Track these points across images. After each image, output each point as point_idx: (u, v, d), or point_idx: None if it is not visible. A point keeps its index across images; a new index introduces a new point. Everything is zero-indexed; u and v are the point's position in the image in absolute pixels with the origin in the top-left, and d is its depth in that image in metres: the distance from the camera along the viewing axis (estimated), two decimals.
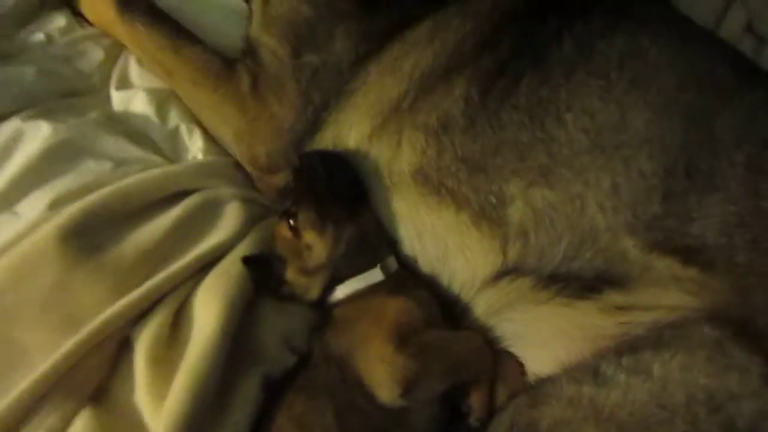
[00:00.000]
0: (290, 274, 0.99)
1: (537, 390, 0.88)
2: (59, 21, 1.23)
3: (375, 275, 0.99)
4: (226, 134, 1.12)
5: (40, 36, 1.21)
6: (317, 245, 0.99)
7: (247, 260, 0.98)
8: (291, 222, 1.00)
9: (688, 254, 0.86)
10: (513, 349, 0.95)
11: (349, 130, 1.05)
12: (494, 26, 1.00)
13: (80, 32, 1.23)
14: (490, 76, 0.98)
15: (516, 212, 0.94)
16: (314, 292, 1.00)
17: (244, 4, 1.22)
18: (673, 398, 0.78)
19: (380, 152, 1.04)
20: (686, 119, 0.91)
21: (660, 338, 0.83)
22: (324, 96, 1.05)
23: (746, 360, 0.78)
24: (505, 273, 0.95)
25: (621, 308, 0.88)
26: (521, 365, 0.94)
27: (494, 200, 0.95)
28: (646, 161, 0.89)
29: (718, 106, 0.92)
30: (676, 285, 0.86)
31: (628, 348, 0.83)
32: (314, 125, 1.06)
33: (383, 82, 1.03)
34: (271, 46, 1.08)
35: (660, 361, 0.80)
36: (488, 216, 0.96)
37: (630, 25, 0.98)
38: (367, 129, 1.04)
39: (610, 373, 0.81)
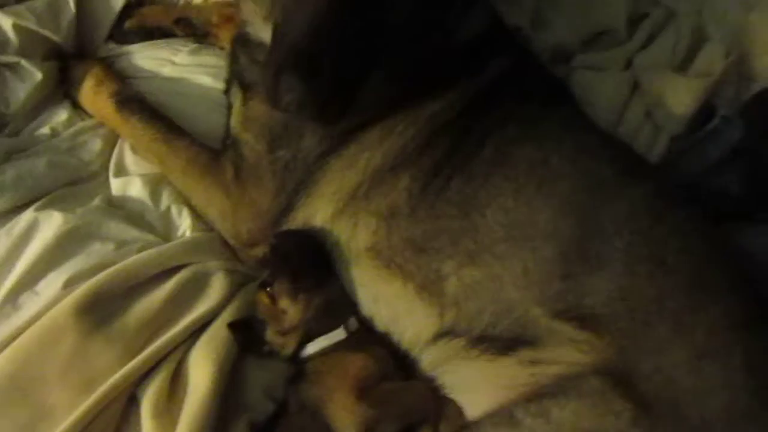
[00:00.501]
0: (269, 334, 1.16)
1: (468, 430, 1.07)
2: (62, 115, 1.38)
3: (339, 334, 1.16)
4: (212, 214, 1.29)
5: (45, 130, 1.35)
6: (291, 310, 1.16)
7: (232, 325, 1.15)
8: (268, 291, 1.18)
9: (582, 321, 1.05)
10: (452, 395, 1.12)
11: (316, 212, 1.22)
12: (430, 133, 1.17)
13: (80, 124, 1.38)
14: (428, 174, 1.16)
15: (450, 286, 1.12)
16: (289, 349, 1.17)
17: (223, 98, 1.40)
18: None
19: (341, 231, 1.21)
20: (578, 215, 1.10)
21: (560, 388, 1.01)
22: (295, 184, 1.22)
23: (621, 405, 0.96)
24: (443, 334, 1.13)
25: (532, 362, 1.06)
26: (459, 409, 1.11)
27: (433, 276, 1.13)
28: (549, 249, 1.08)
29: (603, 203, 1.10)
30: (574, 345, 1.04)
31: (536, 395, 1.02)
32: (288, 207, 1.23)
33: (343, 174, 1.20)
34: (250, 142, 1.24)
35: (557, 407, 0.99)
36: (429, 288, 1.14)
37: (537, 134, 1.17)
38: (330, 212, 1.21)
39: (520, 417, 1.00)
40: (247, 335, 1.16)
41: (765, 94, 1.39)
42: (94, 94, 1.39)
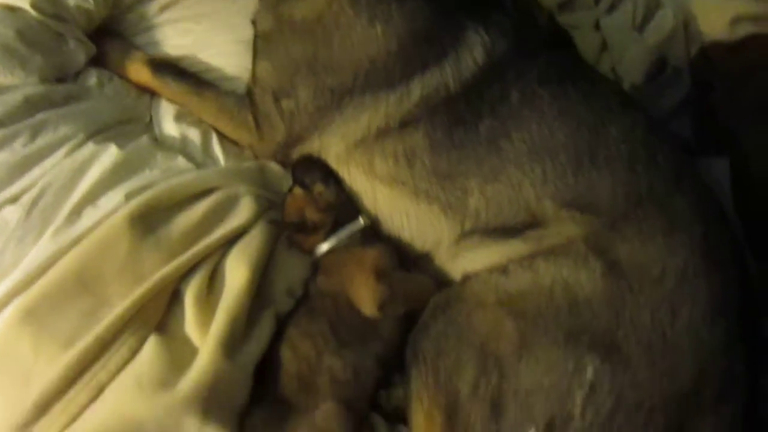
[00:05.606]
0: (309, 213, 1.33)
1: (467, 277, 1.27)
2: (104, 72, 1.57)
3: (357, 224, 1.35)
4: (243, 145, 1.50)
5: (93, 80, 1.53)
6: (326, 192, 1.35)
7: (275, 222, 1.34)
8: (304, 184, 1.36)
9: (586, 207, 1.23)
10: (466, 272, 1.28)
11: (330, 146, 1.40)
12: (445, 97, 1.32)
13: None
14: (449, 123, 1.30)
15: (473, 201, 1.28)
16: (327, 225, 1.34)
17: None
18: (543, 281, 1.16)
19: (360, 163, 1.37)
20: (591, 129, 1.27)
21: (552, 251, 1.21)
22: (303, 127, 1.40)
23: (596, 264, 1.16)
24: (461, 236, 1.31)
25: (534, 239, 1.25)
26: None
27: (459, 194, 1.29)
28: (565, 156, 1.25)
29: (611, 121, 1.29)
30: (573, 223, 1.23)
31: (530, 256, 1.22)
32: (302, 138, 1.42)
33: (347, 126, 1.36)
34: (259, 95, 1.43)
35: (545, 263, 1.18)
36: (453, 206, 1.30)
37: (556, 73, 1.33)
38: (344, 148, 1.38)
39: (512, 269, 1.20)
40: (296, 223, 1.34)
41: (707, 49, 1.61)
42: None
